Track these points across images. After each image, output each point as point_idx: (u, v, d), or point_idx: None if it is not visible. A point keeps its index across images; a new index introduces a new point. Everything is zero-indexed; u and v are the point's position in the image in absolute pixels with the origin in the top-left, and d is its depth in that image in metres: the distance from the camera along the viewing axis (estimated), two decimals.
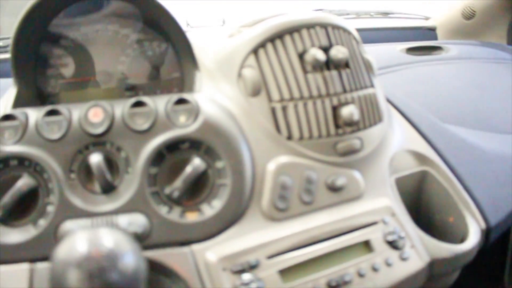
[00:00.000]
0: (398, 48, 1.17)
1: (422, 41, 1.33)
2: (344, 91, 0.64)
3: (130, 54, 0.71)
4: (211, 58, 0.69)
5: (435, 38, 1.45)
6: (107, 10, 0.70)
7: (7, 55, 1.09)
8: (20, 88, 0.65)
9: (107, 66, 0.71)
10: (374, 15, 1.49)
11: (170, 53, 0.71)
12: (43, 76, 0.69)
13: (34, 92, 0.68)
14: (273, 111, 0.62)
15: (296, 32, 0.64)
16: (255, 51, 0.63)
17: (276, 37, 0.63)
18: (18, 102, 0.63)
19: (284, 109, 0.62)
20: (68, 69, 0.70)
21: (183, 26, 0.67)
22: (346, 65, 0.66)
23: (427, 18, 1.50)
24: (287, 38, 0.63)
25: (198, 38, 0.72)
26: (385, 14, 1.50)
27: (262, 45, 0.63)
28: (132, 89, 0.71)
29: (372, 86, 0.69)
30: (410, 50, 1.16)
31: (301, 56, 0.63)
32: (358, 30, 1.42)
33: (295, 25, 0.64)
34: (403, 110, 0.80)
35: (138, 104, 0.57)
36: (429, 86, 0.97)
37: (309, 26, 0.64)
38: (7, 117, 0.56)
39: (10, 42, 0.63)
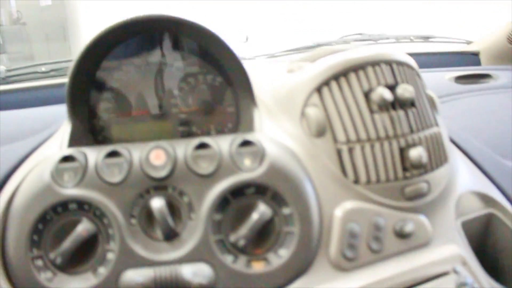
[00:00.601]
0: (447, 76, 1.13)
1: (465, 66, 1.30)
2: (411, 131, 0.61)
3: (184, 88, 0.69)
4: (270, 93, 0.67)
5: (478, 63, 1.41)
6: (161, 43, 0.69)
7: (56, 80, 1.10)
8: (74, 123, 0.63)
9: (160, 100, 0.69)
10: (414, 40, 1.46)
11: (225, 87, 0.69)
12: (96, 109, 0.68)
13: (87, 126, 0.67)
14: (339, 153, 0.59)
15: (361, 70, 0.61)
16: (318, 89, 0.61)
17: (341, 74, 0.61)
18: (74, 139, 0.61)
19: (350, 151, 0.59)
20: (120, 102, 0.68)
21: (241, 59, 0.64)
22: (412, 103, 0.63)
23: (469, 43, 1.46)
24: (352, 76, 0.61)
25: (253, 70, 0.70)
26: (426, 38, 1.47)
27: (326, 83, 0.61)
28: (186, 124, 0.69)
29: (437, 124, 0.66)
30: (459, 79, 1.12)
31: (366, 94, 0.61)
32: None
33: (360, 62, 0.61)
34: (464, 146, 0.76)
35: (201, 146, 0.55)
36: (483, 119, 0.93)
37: (374, 63, 0.62)
38: (66, 159, 0.54)
39: (66, 80, 0.61)
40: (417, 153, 0.59)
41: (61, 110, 0.83)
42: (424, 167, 0.61)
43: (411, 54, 1.42)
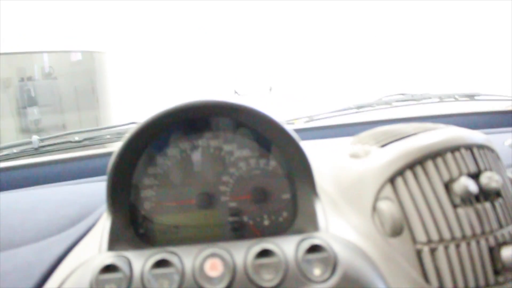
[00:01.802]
0: (506, 143, 1.04)
1: None
2: (500, 226, 0.53)
3: (234, 173, 0.62)
4: (332, 182, 0.60)
5: None
6: (209, 125, 0.63)
7: (90, 151, 1.06)
8: (114, 217, 0.57)
9: (208, 188, 0.62)
10: (459, 98, 1.39)
11: (279, 172, 0.62)
12: (137, 198, 0.61)
13: (128, 217, 0.60)
14: (419, 255, 0.51)
15: (439, 157, 0.54)
16: (391, 180, 0.54)
17: (417, 163, 0.54)
18: (114, 236, 0.55)
19: (432, 252, 0.51)
20: (163, 190, 0.62)
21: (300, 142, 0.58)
22: (497, 193, 0.55)
23: None
24: (430, 164, 0.54)
25: (309, 152, 0.63)
26: (471, 97, 1.39)
27: (400, 172, 0.54)
28: (236, 214, 0.62)
29: None
30: None
31: (446, 185, 0.53)
32: (442, 116, 1.33)
33: (438, 148, 0.54)
34: None
35: (263, 252, 0.48)
36: None
37: (454, 148, 0.54)
38: (108, 267, 0.47)
39: (108, 168, 0.56)
40: (510, 252, 0.51)
41: (98, 188, 0.78)
42: None
43: (456, 115, 1.36)
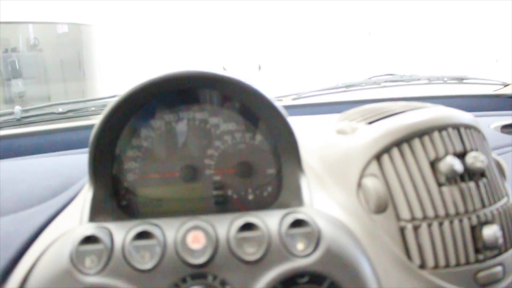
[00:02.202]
0: (492, 126, 1.05)
1: (503, 111, 1.22)
2: (483, 206, 0.53)
3: (219, 147, 0.61)
4: (318, 157, 0.59)
5: None
6: (195, 97, 0.61)
7: (74, 123, 1.04)
8: (96, 188, 0.56)
9: (192, 161, 0.61)
10: (447, 81, 1.39)
11: (265, 146, 0.61)
12: (119, 170, 0.60)
13: (111, 189, 0.59)
14: (402, 232, 0.51)
15: (426, 135, 0.54)
16: (378, 157, 0.53)
17: (404, 140, 0.53)
18: (95, 208, 0.54)
19: (415, 230, 0.51)
20: (147, 162, 0.61)
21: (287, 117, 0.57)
22: (482, 173, 0.55)
23: (506, 85, 1.39)
24: (416, 142, 0.53)
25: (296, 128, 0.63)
26: (460, 80, 1.39)
27: (387, 149, 0.53)
28: (220, 188, 0.61)
29: (507, 195, 0.57)
30: (506, 128, 1.04)
31: (432, 164, 0.53)
32: (430, 98, 1.33)
33: (426, 126, 0.54)
34: None
35: (246, 226, 0.47)
36: None
37: (441, 127, 0.54)
38: (88, 239, 0.47)
39: (90, 140, 0.54)
40: (491, 232, 0.51)
41: (82, 160, 0.76)
42: (498, 248, 0.52)
43: (444, 97, 1.36)
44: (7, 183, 0.65)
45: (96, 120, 0.55)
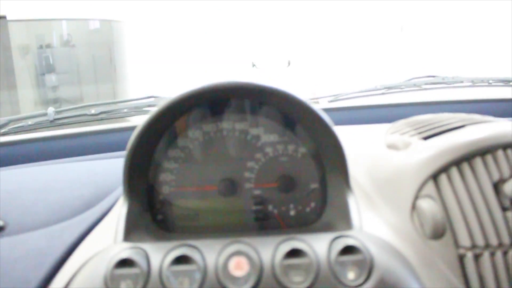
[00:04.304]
0: None
1: None
2: None
3: (260, 159, 0.58)
4: (366, 173, 0.55)
5: None
6: (235, 107, 0.58)
7: (106, 126, 1.02)
8: (131, 202, 0.53)
9: (231, 174, 0.58)
10: (492, 83, 1.32)
11: (308, 159, 0.58)
12: (155, 182, 0.58)
13: (145, 203, 0.56)
14: (461, 260, 0.47)
15: (489, 154, 0.49)
16: (434, 177, 0.49)
17: (464, 159, 0.49)
18: (130, 224, 0.51)
19: (476, 258, 0.46)
20: (184, 174, 0.58)
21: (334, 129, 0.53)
22: None
23: None
24: (478, 162, 0.49)
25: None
26: (507, 82, 1.32)
27: (445, 169, 0.49)
28: (261, 203, 0.57)
29: None
30: None
31: (495, 186, 0.48)
32: (475, 101, 1.26)
33: (489, 144, 0.49)
34: None
35: (292, 251, 0.44)
36: None
37: (506, 145, 0.49)
38: (124, 262, 0.44)
39: (127, 150, 0.52)
40: None
41: (113, 167, 0.74)
42: None
43: (489, 100, 1.29)
44: (39, 192, 0.63)
45: (133, 123, 0.52)
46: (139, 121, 0.53)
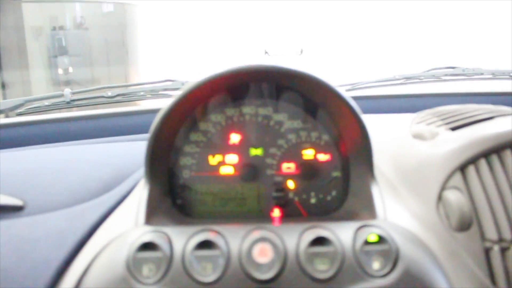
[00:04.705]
0: None
1: None
2: None
3: (283, 145, 0.57)
4: (391, 162, 0.54)
5: None
6: (258, 91, 0.57)
7: (123, 108, 1.02)
8: (152, 186, 0.52)
9: (253, 159, 0.57)
10: None
11: (331, 147, 0.57)
12: (176, 166, 0.57)
13: (166, 187, 0.56)
14: (487, 253, 0.46)
15: None
16: (462, 168, 0.48)
17: (493, 151, 0.48)
18: (151, 207, 0.50)
19: (503, 252, 0.45)
20: (205, 159, 0.57)
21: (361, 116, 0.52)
22: None
23: None
24: (508, 154, 0.47)
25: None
26: None
27: (473, 160, 0.48)
28: (282, 190, 0.57)
29: None
30: None
31: None
32: (495, 94, 1.24)
33: None
34: None
35: (317, 239, 0.43)
36: None
37: None
38: (146, 245, 0.43)
39: (149, 133, 0.51)
40: None
41: (132, 149, 0.74)
42: None
43: (510, 94, 1.26)
44: (58, 172, 0.63)
45: (155, 106, 0.51)
46: (155, 104, 0.53)
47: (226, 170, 0.57)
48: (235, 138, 0.57)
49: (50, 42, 4.32)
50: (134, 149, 0.72)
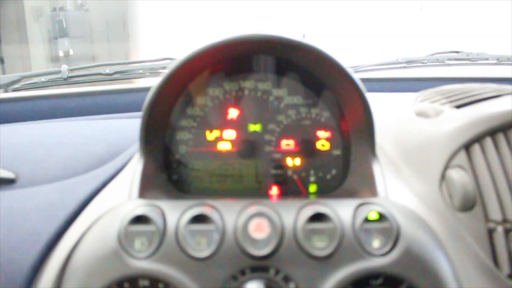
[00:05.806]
0: None
1: None
2: None
3: (282, 122, 0.56)
4: (393, 140, 0.52)
5: None
6: (258, 65, 0.55)
7: (121, 86, 1.00)
8: (147, 160, 0.51)
9: (252, 135, 0.56)
10: None
11: (332, 125, 0.55)
12: (171, 141, 0.56)
13: (161, 162, 0.55)
14: (491, 234, 0.44)
15: None
16: (467, 147, 0.46)
17: (499, 130, 0.46)
18: (146, 181, 0.49)
19: (507, 233, 0.44)
20: (202, 134, 0.56)
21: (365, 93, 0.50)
22: None
23: None
24: None
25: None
26: None
27: (478, 139, 0.46)
28: (280, 167, 0.55)
29: None
30: None
31: None
32: (500, 79, 1.22)
33: None
34: None
35: (315, 216, 0.42)
36: None
37: None
38: (139, 219, 0.42)
39: (143, 107, 0.49)
40: None
41: (128, 126, 0.72)
42: None
43: None
44: (52, 146, 0.62)
45: (150, 83, 0.50)
46: (153, 82, 0.51)
47: (224, 146, 0.56)
48: (233, 113, 0.56)
49: (51, 23, 4.28)
50: (131, 126, 0.70)
